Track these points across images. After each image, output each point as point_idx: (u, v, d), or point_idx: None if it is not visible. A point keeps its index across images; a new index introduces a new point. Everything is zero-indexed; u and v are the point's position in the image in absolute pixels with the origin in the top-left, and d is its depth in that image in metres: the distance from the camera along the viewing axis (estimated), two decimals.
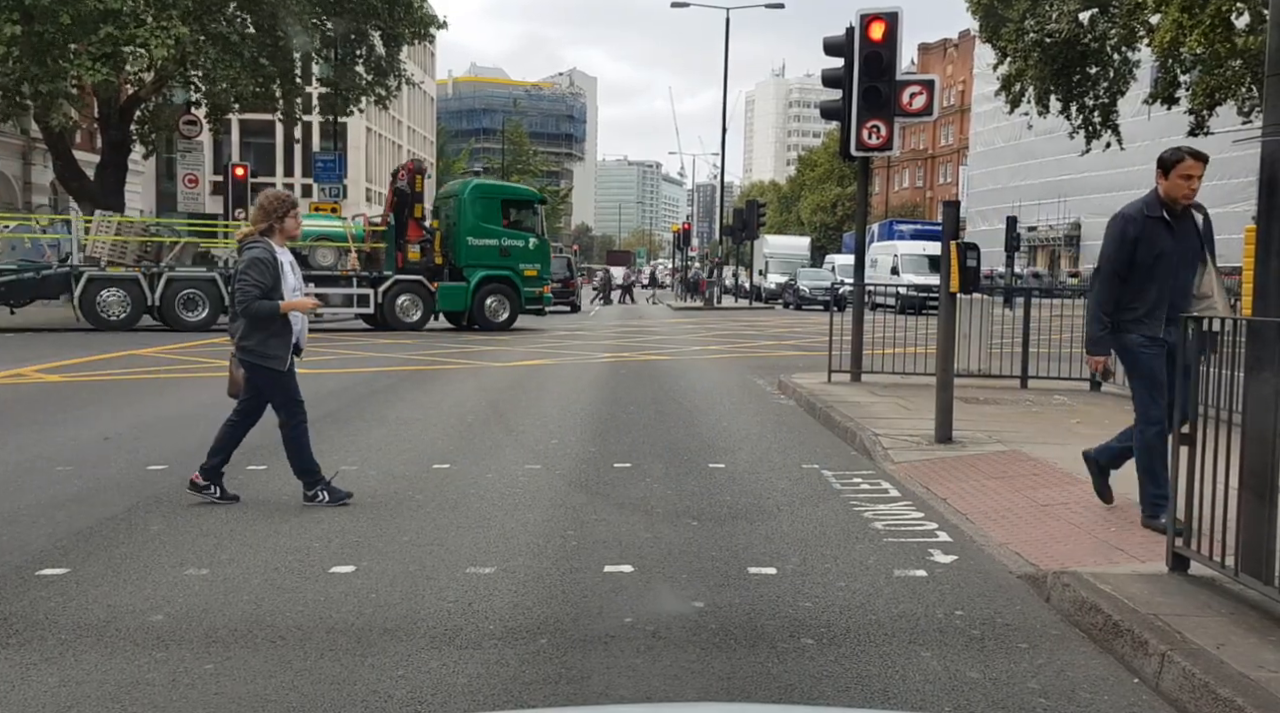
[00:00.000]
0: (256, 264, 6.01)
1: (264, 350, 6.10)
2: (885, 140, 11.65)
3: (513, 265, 23.01)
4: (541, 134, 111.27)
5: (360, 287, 22.07)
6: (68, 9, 20.73)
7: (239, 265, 6.14)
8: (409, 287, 22.27)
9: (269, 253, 6.08)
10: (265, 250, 6.08)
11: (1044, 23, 25.72)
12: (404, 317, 22.25)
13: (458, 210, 23.01)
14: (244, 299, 6.01)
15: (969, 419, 9.03)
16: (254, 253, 6.06)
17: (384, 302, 22.19)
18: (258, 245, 6.12)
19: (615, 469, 7.53)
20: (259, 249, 6.08)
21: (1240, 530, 4.21)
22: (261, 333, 6.08)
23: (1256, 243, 4.46)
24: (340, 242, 22.58)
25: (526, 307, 23.50)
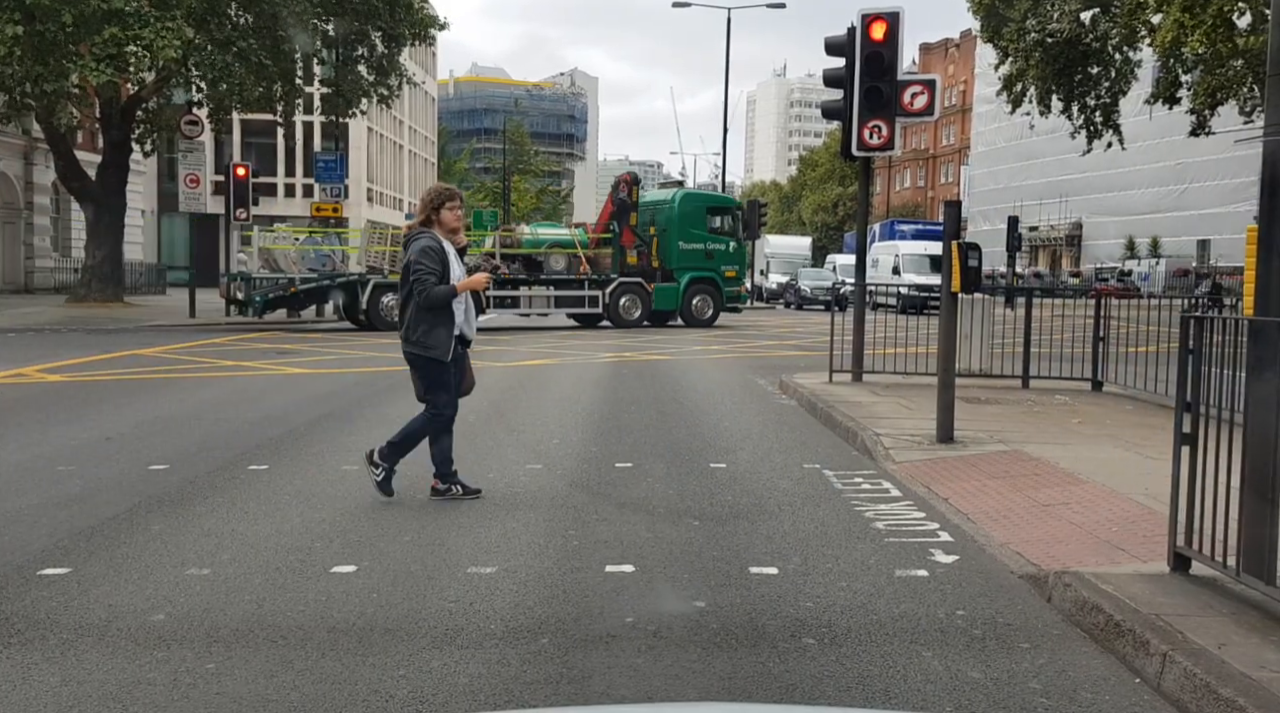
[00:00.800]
0: (427, 252, 6.14)
1: (427, 341, 6.20)
2: (886, 140, 11.65)
3: (715, 267, 25.16)
4: (543, 134, 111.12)
5: (590, 288, 24.26)
6: (70, 9, 20.73)
7: (408, 257, 6.23)
8: (630, 288, 24.59)
9: (436, 241, 6.21)
10: (433, 240, 6.21)
11: (1045, 23, 25.71)
12: (625, 315, 24.47)
13: (668, 218, 25.04)
14: (422, 287, 6.10)
15: (970, 419, 9.02)
16: (421, 243, 6.19)
17: (609, 301, 24.37)
18: (423, 236, 6.25)
19: (617, 469, 7.53)
20: (425, 239, 6.21)
21: (1242, 531, 4.20)
22: (427, 324, 6.19)
23: (1258, 243, 4.46)
24: (570, 248, 24.77)
25: (727, 305, 25.57)
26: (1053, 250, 64.67)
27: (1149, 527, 5.49)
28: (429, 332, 6.19)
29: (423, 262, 6.11)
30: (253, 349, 17.07)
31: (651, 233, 25.09)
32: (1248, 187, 38.42)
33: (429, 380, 6.34)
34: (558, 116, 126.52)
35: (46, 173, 33.50)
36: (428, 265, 6.10)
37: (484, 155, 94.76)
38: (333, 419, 9.74)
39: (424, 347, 6.22)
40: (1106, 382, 11.75)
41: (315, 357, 15.94)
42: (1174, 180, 52.03)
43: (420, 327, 6.20)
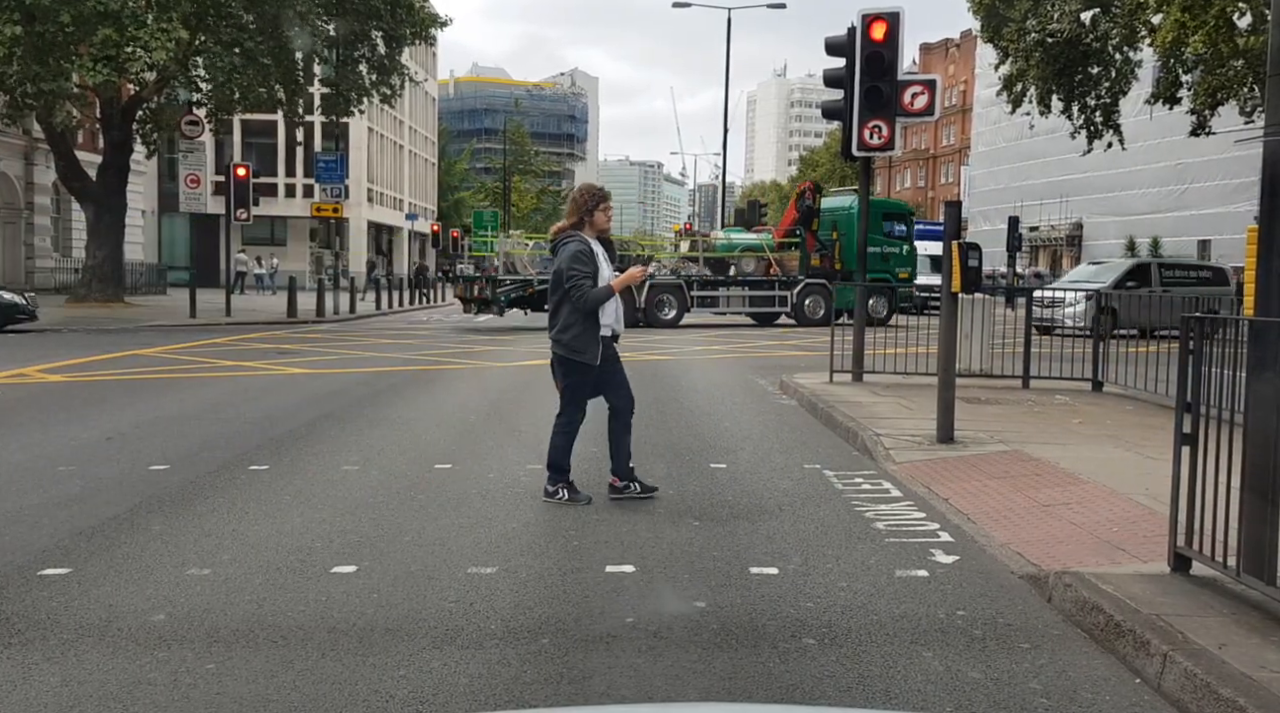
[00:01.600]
0: (579, 257, 6.16)
1: (577, 345, 6.23)
2: (887, 140, 11.64)
3: (890, 270, 26.48)
4: (543, 134, 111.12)
5: (780, 289, 25.88)
6: (68, 9, 20.74)
7: (560, 262, 6.26)
8: (815, 289, 25.86)
9: (586, 244, 6.23)
10: (582, 243, 6.22)
11: (1045, 23, 25.70)
12: (810, 314, 25.75)
13: (847, 223, 25.95)
14: (580, 292, 6.13)
15: (971, 419, 9.02)
16: (572, 247, 6.21)
17: (796, 301, 25.83)
18: (572, 239, 6.26)
19: None
20: (575, 242, 6.23)
21: (1242, 531, 4.20)
22: (579, 328, 6.21)
23: (1258, 243, 4.46)
24: (760, 252, 26.51)
25: (900, 306, 26.70)
26: (1053, 250, 64.62)
27: (1149, 527, 5.49)
28: (579, 336, 6.22)
29: (576, 267, 6.13)
30: (253, 349, 17.08)
31: (834, 237, 26.54)
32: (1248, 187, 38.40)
33: (571, 385, 6.40)
34: (558, 116, 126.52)
35: (47, 173, 33.50)
36: (582, 269, 6.13)
37: (484, 155, 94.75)
38: (333, 419, 9.74)
39: (573, 351, 6.25)
40: (1107, 382, 11.75)
41: (315, 357, 15.94)
42: (1174, 180, 51.99)
43: (571, 330, 6.22)
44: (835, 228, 26.72)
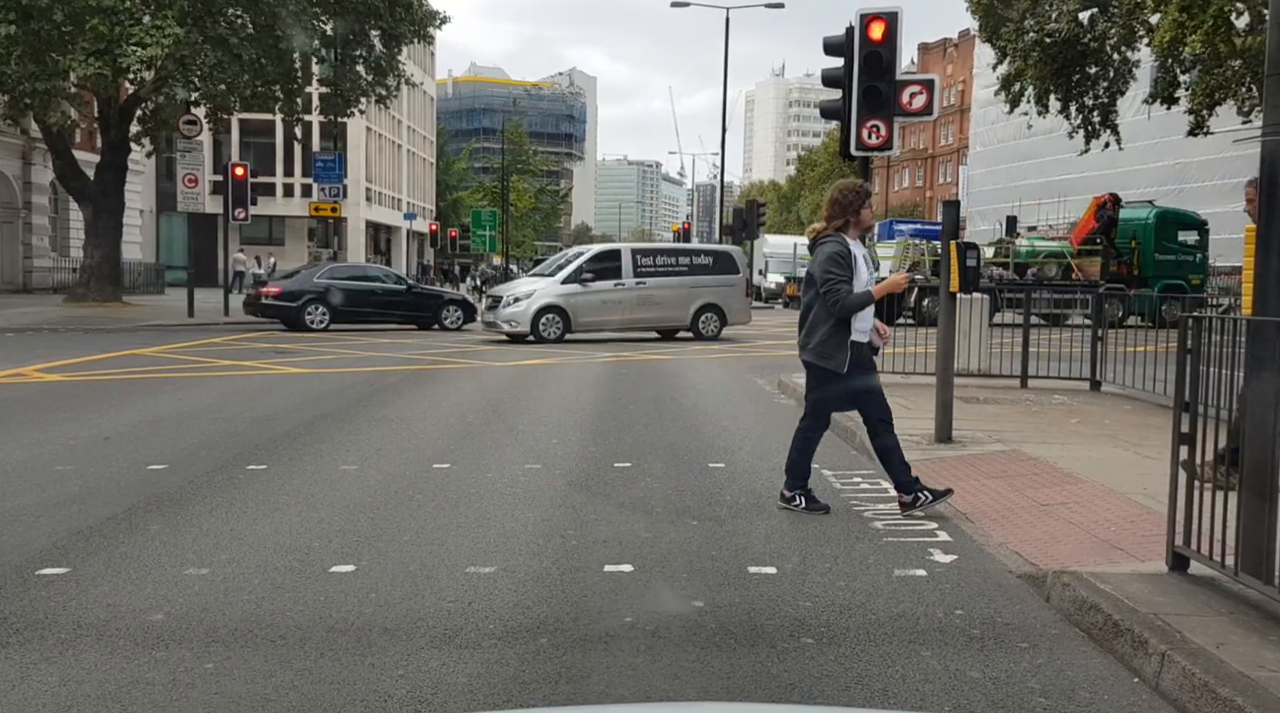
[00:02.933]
0: (835, 259, 5.90)
1: (824, 351, 6.00)
2: (885, 140, 11.64)
3: (1184, 276, 27.14)
4: (542, 134, 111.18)
5: (1081, 294, 25.89)
6: (62, 7, 20.72)
7: (815, 264, 6.03)
8: (1114, 293, 27.01)
9: (844, 246, 5.97)
10: (840, 245, 5.96)
11: (1044, 22, 25.71)
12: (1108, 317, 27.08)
13: (1144, 232, 27.57)
14: (834, 296, 5.88)
15: (969, 419, 9.02)
16: (829, 248, 5.96)
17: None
18: (830, 240, 6.01)
19: (615, 469, 7.53)
20: (832, 244, 5.98)
21: (1240, 530, 4.21)
22: (828, 333, 5.98)
23: (1256, 242, 4.47)
24: (1061, 258, 27.43)
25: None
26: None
27: (1147, 526, 5.49)
28: (827, 341, 5.98)
29: (832, 269, 5.87)
30: (251, 349, 17.07)
31: (1132, 245, 27.54)
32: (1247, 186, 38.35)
33: (820, 391, 6.19)
34: (556, 116, 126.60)
35: (45, 173, 33.46)
36: (838, 273, 5.87)
37: (483, 155, 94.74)
38: (332, 419, 9.74)
39: (821, 356, 6.02)
40: (1105, 381, 11.75)
41: (314, 356, 15.94)
42: (1172, 180, 52.00)
43: (818, 334, 6.00)
44: (1134, 237, 27.82)
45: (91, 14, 20.89)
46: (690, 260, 20.83)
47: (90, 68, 21.34)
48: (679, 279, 19.98)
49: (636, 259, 19.97)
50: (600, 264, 19.74)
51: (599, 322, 19.43)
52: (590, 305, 19.25)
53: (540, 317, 18.89)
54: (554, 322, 18.98)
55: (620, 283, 19.46)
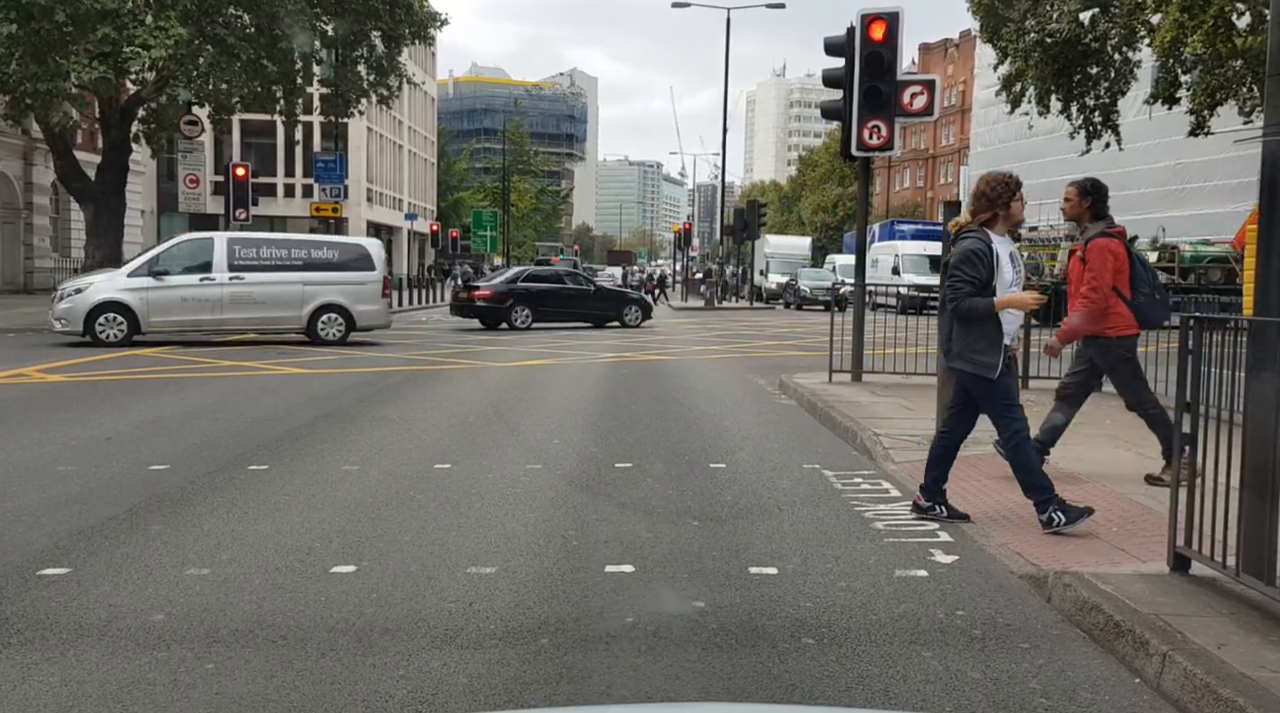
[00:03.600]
0: (970, 258, 5.51)
1: (970, 355, 5.57)
2: (886, 140, 11.65)
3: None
4: (542, 134, 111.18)
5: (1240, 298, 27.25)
6: (64, 7, 20.72)
7: (951, 259, 5.68)
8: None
9: (984, 244, 5.54)
10: (980, 241, 5.55)
11: (1045, 23, 25.70)
12: None
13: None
14: (954, 296, 5.54)
15: None
16: (968, 245, 5.56)
17: None
18: (970, 236, 5.61)
19: (616, 469, 7.53)
20: (973, 240, 5.58)
21: (1241, 531, 4.21)
22: (971, 336, 5.56)
23: (1258, 243, 4.46)
24: (1226, 264, 27.81)
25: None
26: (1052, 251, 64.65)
27: (1148, 527, 5.50)
28: (972, 345, 5.55)
29: (962, 269, 5.50)
30: (252, 349, 17.07)
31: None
32: (1247, 187, 38.41)
33: (984, 401, 5.71)
34: (557, 116, 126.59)
35: (46, 173, 33.46)
36: (967, 274, 5.48)
37: (484, 155, 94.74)
38: (333, 419, 9.74)
39: (967, 361, 5.61)
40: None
41: (315, 357, 15.93)
42: (1173, 180, 52.00)
43: (964, 339, 5.59)
44: None
45: (98, 19, 20.89)
46: (308, 254, 17.84)
47: (95, 72, 21.34)
48: (291, 275, 17.44)
49: (234, 251, 17.17)
50: (183, 256, 17.09)
51: (179, 322, 16.94)
52: (166, 303, 16.67)
53: (98, 315, 16.38)
54: (115, 321, 16.44)
55: (209, 277, 16.86)
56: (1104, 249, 6.12)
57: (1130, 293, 6.21)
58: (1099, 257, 6.09)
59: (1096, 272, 6.03)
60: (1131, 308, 6.22)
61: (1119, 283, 6.15)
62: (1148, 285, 6.29)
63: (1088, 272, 6.09)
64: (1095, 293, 6.03)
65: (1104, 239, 6.17)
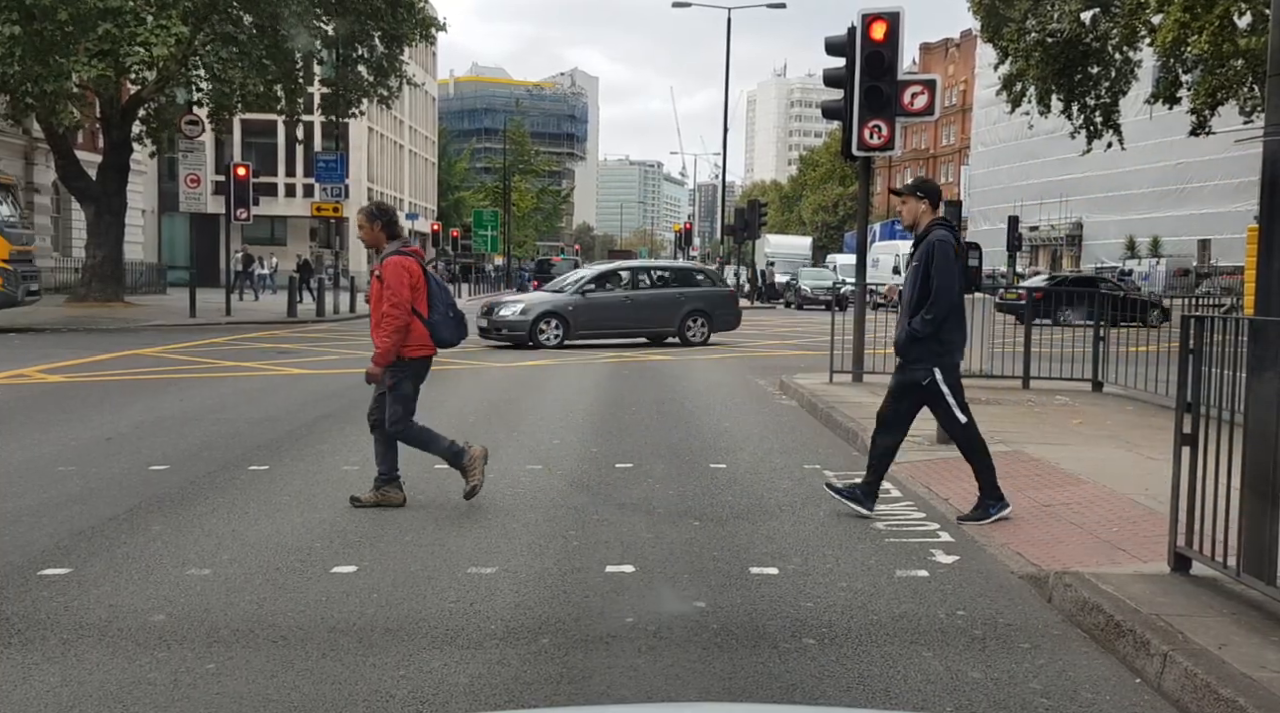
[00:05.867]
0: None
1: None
2: (887, 140, 11.64)
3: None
4: (543, 134, 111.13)
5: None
6: (67, 7, 20.73)
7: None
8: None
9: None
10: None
11: (1045, 22, 25.70)
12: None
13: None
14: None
15: None
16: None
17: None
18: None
19: (617, 469, 7.53)
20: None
21: (1242, 531, 4.20)
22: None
23: (1259, 243, 4.46)
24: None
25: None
26: (1053, 250, 64.66)
27: (1149, 527, 5.49)
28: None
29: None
30: (253, 349, 17.07)
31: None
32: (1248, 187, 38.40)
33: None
34: (558, 116, 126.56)
35: (47, 173, 33.47)
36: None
37: (484, 155, 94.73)
38: (333, 419, 9.74)
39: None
40: (1107, 382, 11.74)
41: (315, 357, 15.94)
42: (1174, 180, 52.01)
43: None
44: None
45: (99, 17, 20.89)
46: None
47: (95, 70, 21.34)
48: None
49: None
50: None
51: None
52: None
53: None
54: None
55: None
56: (399, 267, 6.07)
57: (427, 312, 6.15)
58: (395, 275, 6.03)
59: (394, 289, 6.00)
60: (428, 327, 6.15)
61: (417, 302, 6.10)
62: (444, 305, 6.23)
63: (386, 290, 6.03)
64: (396, 310, 5.98)
65: (399, 257, 6.12)
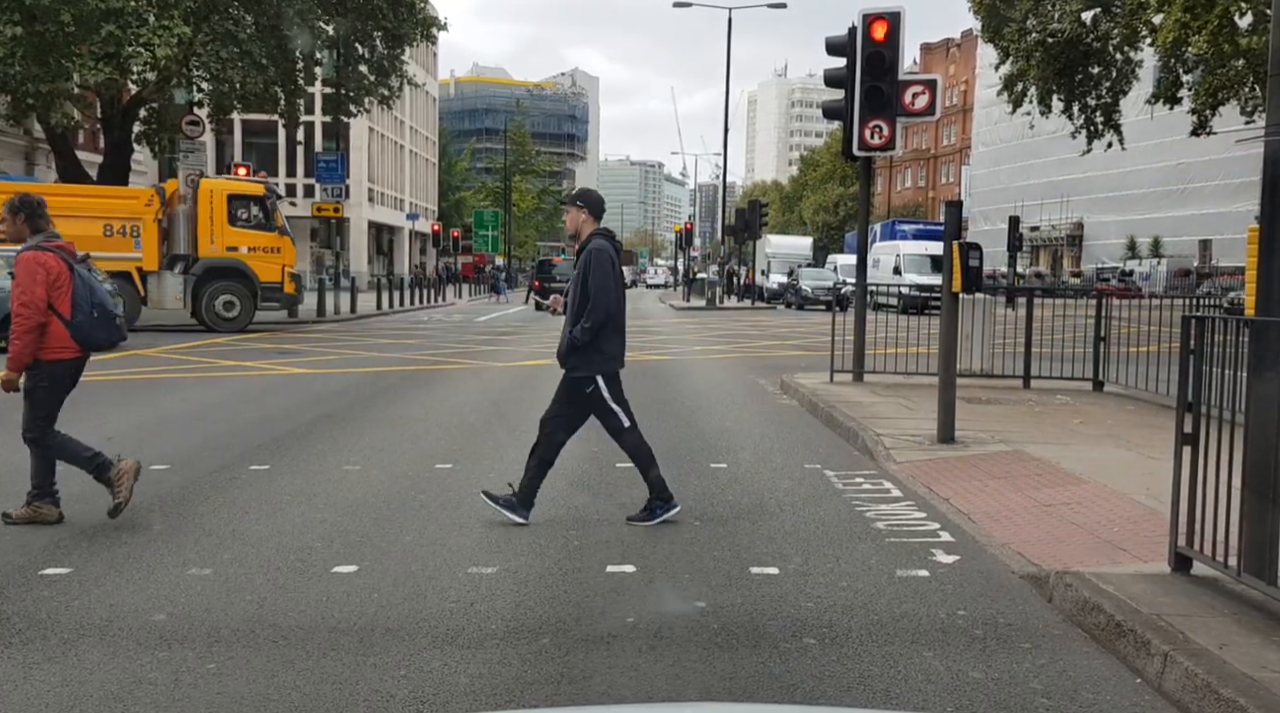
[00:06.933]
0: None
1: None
2: (887, 140, 11.64)
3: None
4: (544, 134, 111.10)
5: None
6: (69, 8, 20.74)
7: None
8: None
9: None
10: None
11: (1046, 23, 25.71)
12: None
13: None
14: None
15: (971, 419, 9.02)
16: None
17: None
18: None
19: (617, 469, 7.52)
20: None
21: (1243, 531, 4.20)
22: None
23: (1260, 243, 4.46)
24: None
25: None
26: (1054, 250, 64.66)
27: (1150, 527, 5.49)
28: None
29: None
30: (253, 349, 17.08)
31: None
32: (1249, 186, 38.39)
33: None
34: (559, 116, 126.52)
35: (48, 173, 33.43)
36: None
37: (485, 155, 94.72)
38: (334, 419, 9.74)
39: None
40: (1108, 382, 11.74)
41: (315, 357, 15.94)
42: (1175, 180, 52.02)
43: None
44: None
45: (102, 18, 20.88)
46: None
47: (101, 74, 21.35)
48: None
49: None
50: None
51: None
52: None
53: None
54: None
55: None
56: (33, 263, 5.57)
57: (70, 312, 5.64)
58: (27, 271, 5.54)
59: (24, 286, 5.50)
60: (70, 327, 5.66)
61: (57, 301, 5.60)
62: (90, 305, 5.70)
63: (16, 287, 5.53)
64: (26, 309, 5.49)
65: (34, 252, 5.61)
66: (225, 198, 21.39)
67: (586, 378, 5.89)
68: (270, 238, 21.45)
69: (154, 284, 20.95)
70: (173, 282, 20.97)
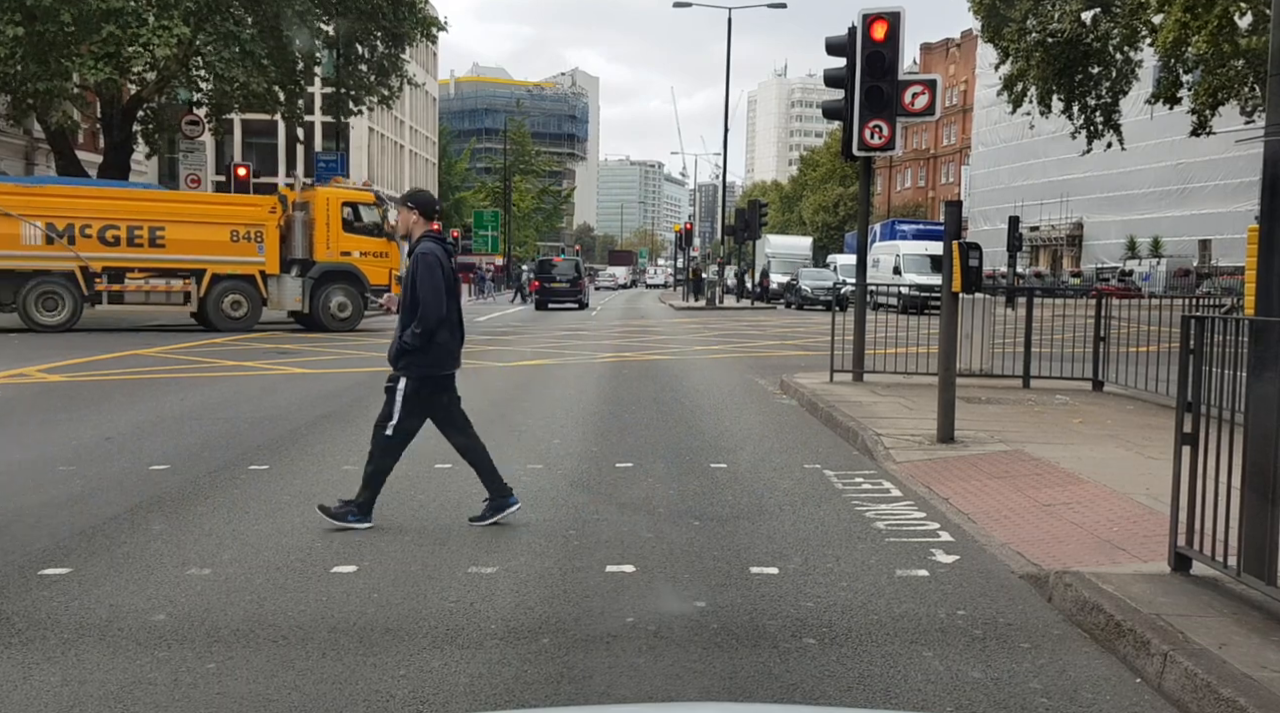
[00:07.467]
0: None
1: None
2: (887, 140, 11.64)
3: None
4: (544, 134, 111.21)
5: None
6: (69, 8, 20.74)
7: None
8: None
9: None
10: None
11: (1046, 22, 25.71)
12: None
13: None
14: None
15: (971, 419, 9.02)
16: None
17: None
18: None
19: (617, 469, 7.53)
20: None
21: (1243, 531, 4.20)
22: None
23: (1260, 243, 4.46)
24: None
25: None
26: (1054, 250, 64.64)
27: (1150, 527, 5.49)
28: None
29: None
30: (253, 349, 17.08)
31: None
32: (1249, 186, 38.41)
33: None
34: (559, 116, 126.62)
35: (48, 173, 33.46)
36: None
37: (485, 155, 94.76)
38: (333, 419, 9.74)
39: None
40: (1107, 382, 11.74)
41: (315, 357, 15.94)
42: (1175, 180, 52.00)
43: None
44: None
45: (103, 18, 20.89)
46: None
47: (102, 73, 21.37)
48: None
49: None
50: None
51: None
52: None
53: None
54: None
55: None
56: None
57: None
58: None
59: None
60: None
61: None
62: None
63: None
64: None
65: None
66: (340, 205, 22.15)
67: (403, 377, 5.78)
68: (379, 243, 22.24)
69: (275, 286, 21.74)
70: (292, 284, 21.82)
